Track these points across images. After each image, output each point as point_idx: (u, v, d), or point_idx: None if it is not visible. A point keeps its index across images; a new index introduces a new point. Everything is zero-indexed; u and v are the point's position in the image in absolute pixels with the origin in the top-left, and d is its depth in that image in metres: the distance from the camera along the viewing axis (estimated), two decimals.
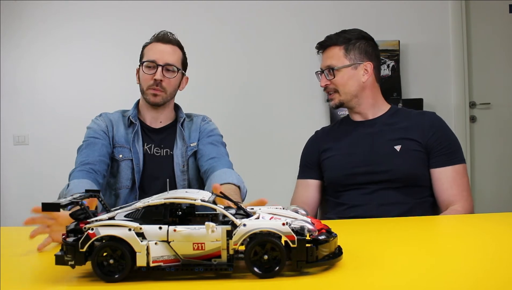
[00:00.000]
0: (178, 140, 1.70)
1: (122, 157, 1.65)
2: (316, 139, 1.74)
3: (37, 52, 3.21)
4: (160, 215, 0.73)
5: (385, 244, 0.97)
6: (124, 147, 1.66)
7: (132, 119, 1.69)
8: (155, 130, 1.72)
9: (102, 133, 1.66)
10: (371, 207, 1.49)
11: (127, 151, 1.66)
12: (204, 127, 1.76)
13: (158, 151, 1.69)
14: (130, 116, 1.70)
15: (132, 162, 1.65)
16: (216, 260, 0.72)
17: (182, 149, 1.69)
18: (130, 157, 1.65)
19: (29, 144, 3.23)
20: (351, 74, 1.58)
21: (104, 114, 1.74)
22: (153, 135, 1.71)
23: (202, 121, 1.78)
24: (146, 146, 1.69)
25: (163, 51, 1.66)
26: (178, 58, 1.70)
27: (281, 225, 0.71)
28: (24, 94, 3.21)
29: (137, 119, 1.70)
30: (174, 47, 1.70)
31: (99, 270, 0.71)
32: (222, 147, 1.74)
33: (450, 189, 1.49)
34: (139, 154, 1.66)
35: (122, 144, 1.67)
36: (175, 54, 1.69)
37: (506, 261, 0.80)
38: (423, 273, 0.74)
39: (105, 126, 1.68)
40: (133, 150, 1.66)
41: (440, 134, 1.53)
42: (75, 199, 0.76)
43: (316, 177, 1.67)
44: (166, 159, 1.69)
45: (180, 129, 1.71)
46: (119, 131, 1.68)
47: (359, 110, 1.63)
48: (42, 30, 3.20)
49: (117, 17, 3.18)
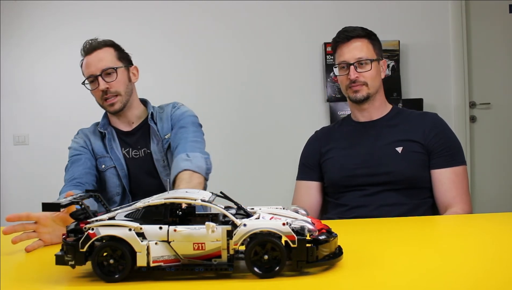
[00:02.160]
0: (152, 136, 1.68)
1: (104, 167, 1.67)
2: (316, 139, 1.73)
3: (37, 52, 3.21)
4: (160, 215, 0.73)
5: (385, 244, 0.97)
6: (104, 157, 1.68)
7: (101, 130, 1.70)
8: (128, 133, 1.72)
9: (82, 149, 1.69)
10: (371, 208, 1.49)
11: (108, 159, 1.67)
12: (175, 114, 1.71)
13: (137, 153, 1.69)
14: (99, 127, 1.71)
15: (116, 169, 1.66)
16: (216, 260, 0.72)
17: (158, 145, 1.68)
18: (113, 165, 1.67)
19: (29, 144, 3.23)
20: (378, 69, 1.58)
21: (80, 130, 1.77)
22: (127, 139, 1.71)
23: (172, 108, 1.74)
24: (124, 150, 1.69)
25: (93, 61, 1.64)
26: (111, 58, 1.66)
27: (282, 225, 0.71)
28: (24, 94, 3.21)
29: (107, 128, 1.71)
30: (102, 50, 1.66)
31: (99, 270, 0.71)
32: (190, 127, 1.67)
33: (450, 191, 1.49)
34: (120, 159, 1.67)
35: (102, 154, 1.68)
36: (106, 56, 1.66)
37: (506, 261, 0.80)
38: (423, 273, 0.74)
39: (83, 141, 1.71)
40: (114, 157, 1.67)
41: (442, 136, 1.53)
42: (75, 199, 0.76)
43: (317, 178, 1.66)
44: (145, 158, 1.68)
45: (152, 125, 1.69)
46: (96, 143, 1.70)
47: (370, 108, 1.61)
48: (42, 30, 3.20)
49: (117, 17, 3.18)
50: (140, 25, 3.16)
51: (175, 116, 1.71)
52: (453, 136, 1.57)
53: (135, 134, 1.71)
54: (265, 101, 3.19)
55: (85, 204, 0.76)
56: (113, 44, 1.72)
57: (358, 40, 1.57)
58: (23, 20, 3.20)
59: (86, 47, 1.68)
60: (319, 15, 3.15)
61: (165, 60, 3.17)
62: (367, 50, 1.56)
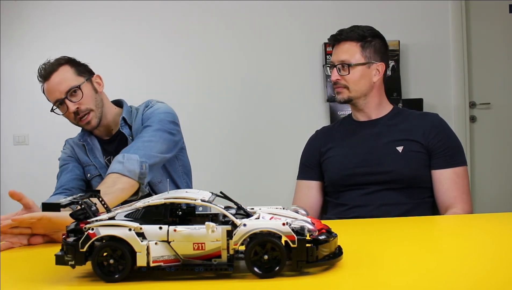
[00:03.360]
0: (129, 140, 1.65)
1: (90, 175, 1.67)
2: (316, 138, 1.73)
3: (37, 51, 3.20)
4: (160, 215, 0.73)
5: (385, 244, 0.97)
6: (89, 166, 1.68)
7: (81, 142, 1.70)
8: (108, 141, 1.71)
9: (69, 158, 1.70)
10: (371, 208, 1.49)
11: (93, 168, 1.67)
12: (146, 113, 1.65)
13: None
14: (79, 140, 1.71)
15: (101, 177, 1.64)
16: (216, 260, 0.72)
17: None
18: (98, 173, 1.66)
19: (29, 144, 3.23)
20: (364, 73, 1.56)
21: (67, 141, 1.77)
22: (108, 147, 1.70)
23: (145, 108, 1.69)
24: (105, 158, 1.69)
25: (54, 86, 1.59)
26: (70, 76, 1.60)
27: (281, 225, 0.71)
28: (24, 94, 3.21)
29: (87, 138, 1.70)
30: (59, 71, 1.60)
31: (99, 270, 0.71)
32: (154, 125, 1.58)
33: (450, 191, 1.49)
34: (105, 167, 1.66)
35: (87, 163, 1.68)
36: (65, 76, 1.59)
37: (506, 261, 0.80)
38: (423, 273, 0.74)
39: (70, 151, 1.72)
40: (98, 165, 1.67)
41: (442, 136, 1.53)
42: (75, 199, 0.76)
43: (317, 178, 1.67)
44: None
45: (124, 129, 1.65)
46: (80, 152, 1.70)
47: (364, 109, 1.62)
48: (42, 30, 3.20)
49: (117, 17, 3.18)
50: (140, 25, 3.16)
51: (145, 115, 1.65)
52: (453, 136, 1.57)
53: (115, 141, 1.69)
54: (265, 101, 3.19)
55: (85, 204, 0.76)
56: (68, 61, 1.65)
57: (347, 42, 1.57)
58: (23, 20, 3.20)
59: (42, 72, 1.61)
60: (319, 15, 3.15)
61: (165, 60, 3.17)
62: (353, 53, 1.55)
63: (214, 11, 3.18)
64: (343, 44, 1.58)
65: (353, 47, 1.56)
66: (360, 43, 1.56)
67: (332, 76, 1.59)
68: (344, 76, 1.56)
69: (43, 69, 1.62)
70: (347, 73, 1.55)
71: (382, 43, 1.61)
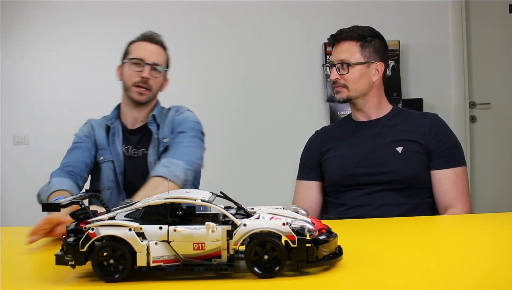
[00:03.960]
0: (152, 138, 1.69)
1: (103, 159, 1.68)
2: (316, 138, 1.73)
3: (37, 51, 3.21)
4: (160, 215, 0.73)
5: (385, 244, 0.97)
6: (105, 149, 1.69)
7: (108, 123, 1.71)
8: (133, 131, 1.72)
9: (85, 138, 1.70)
10: (371, 208, 1.49)
11: (107, 153, 1.68)
12: (176, 120, 1.70)
13: (136, 152, 1.70)
14: (107, 121, 1.72)
15: (113, 164, 1.67)
16: (216, 260, 0.72)
17: (155, 148, 1.68)
18: (111, 159, 1.67)
19: (29, 144, 3.23)
20: (363, 72, 1.57)
21: (89, 120, 1.78)
22: (130, 137, 1.71)
23: (175, 112, 1.73)
24: (124, 147, 1.70)
25: (150, 50, 1.67)
26: (164, 59, 1.71)
27: (281, 225, 0.71)
28: (24, 94, 3.21)
29: (114, 122, 1.72)
30: (161, 48, 1.71)
31: (99, 270, 0.71)
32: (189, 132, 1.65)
33: (450, 191, 1.49)
34: (119, 155, 1.68)
35: (104, 146, 1.69)
36: (162, 55, 1.70)
37: (506, 261, 0.80)
38: (423, 273, 0.74)
39: (88, 131, 1.73)
40: (114, 152, 1.68)
41: (442, 136, 1.53)
42: (75, 199, 0.76)
43: (317, 178, 1.67)
44: (141, 159, 1.68)
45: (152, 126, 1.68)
46: (100, 134, 1.71)
47: (364, 109, 1.62)
48: (42, 30, 3.20)
49: (116, 17, 3.18)
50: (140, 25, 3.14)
51: (176, 121, 1.70)
52: (453, 137, 1.57)
53: (138, 133, 1.72)
54: (265, 101, 3.19)
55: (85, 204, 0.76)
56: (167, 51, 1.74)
57: (346, 42, 1.57)
58: (23, 20, 3.20)
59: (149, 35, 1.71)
60: (319, 15, 3.15)
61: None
62: (353, 53, 1.56)
63: (214, 11, 3.18)
64: (342, 43, 1.58)
65: (353, 47, 1.56)
66: (360, 42, 1.56)
67: (332, 75, 1.59)
68: (343, 75, 1.56)
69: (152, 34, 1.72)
70: (346, 72, 1.56)
71: (381, 43, 1.61)
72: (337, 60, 1.57)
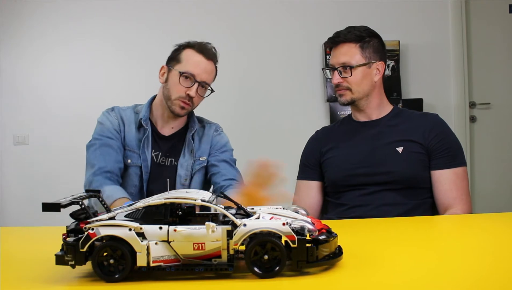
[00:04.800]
0: (186, 151, 1.63)
1: (131, 162, 1.59)
2: (316, 138, 1.73)
3: (37, 51, 3.21)
4: (161, 215, 0.73)
5: (385, 244, 0.97)
6: (133, 152, 1.59)
7: (143, 123, 1.60)
8: (164, 138, 1.64)
9: (115, 133, 1.58)
10: (371, 208, 1.49)
11: (136, 156, 1.59)
12: (216, 140, 1.69)
13: (164, 160, 1.63)
14: (142, 120, 1.61)
15: (140, 169, 1.59)
16: (216, 260, 0.72)
17: (188, 161, 1.62)
18: (139, 164, 1.59)
19: (29, 144, 3.23)
20: (365, 73, 1.56)
21: (117, 108, 1.65)
22: (161, 143, 1.64)
23: (214, 132, 1.71)
24: (153, 153, 1.62)
25: (204, 68, 1.60)
26: (213, 76, 1.66)
27: (281, 225, 0.71)
28: (24, 94, 3.21)
29: (148, 123, 1.62)
30: (213, 64, 1.64)
31: (100, 270, 0.71)
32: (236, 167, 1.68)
33: (450, 191, 1.49)
34: (148, 161, 1.59)
35: (133, 148, 1.59)
36: (213, 73, 1.65)
37: (506, 261, 0.80)
38: (423, 273, 0.74)
39: (117, 124, 1.60)
40: (143, 157, 1.59)
41: (442, 137, 1.53)
42: (75, 199, 0.76)
43: (318, 178, 1.67)
44: (169, 169, 1.62)
45: (190, 140, 1.64)
46: (130, 132, 1.60)
47: (366, 110, 1.62)
48: (41, 30, 3.20)
49: (116, 17, 3.18)
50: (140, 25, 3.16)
51: (216, 142, 1.69)
52: (453, 137, 1.57)
53: (170, 141, 1.65)
54: (265, 101, 3.19)
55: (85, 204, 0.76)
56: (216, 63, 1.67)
57: (345, 44, 1.56)
58: (23, 20, 3.20)
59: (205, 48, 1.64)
60: (319, 15, 3.15)
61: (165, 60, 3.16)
62: (353, 55, 1.55)
63: (214, 11, 3.18)
64: (341, 46, 1.58)
65: (353, 49, 1.56)
66: (359, 44, 1.56)
67: (334, 79, 1.57)
68: (346, 78, 1.55)
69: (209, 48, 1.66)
70: (349, 75, 1.55)
71: (379, 42, 1.61)
72: (338, 64, 1.57)
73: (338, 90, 1.59)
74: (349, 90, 1.57)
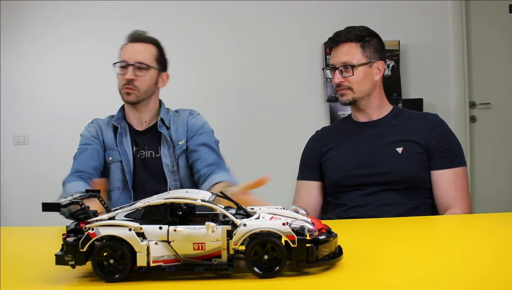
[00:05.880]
0: (163, 140, 1.70)
1: (111, 159, 1.69)
2: (316, 139, 1.73)
3: (37, 51, 3.21)
4: (161, 215, 0.73)
5: (385, 244, 0.97)
6: (113, 150, 1.69)
7: (114, 123, 1.71)
8: (140, 133, 1.72)
9: (94, 139, 1.70)
10: (371, 208, 1.49)
11: (116, 153, 1.69)
12: (192, 122, 1.73)
13: (143, 154, 1.70)
14: (113, 120, 1.72)
15: (121, 164, 1.67)
16: (216, 260, 0.72)
17: (169, 150, 1.68)
18: (119, 159, 1.68)
19: (29, 144, 3.23)
20: (366, 73, 1.56)
21: (95, 120, 1.78)
22: (138, 138, 1.72)
23: (190, 115, 1.75)
24: (134, 148, 1.71)
25: (133, 50, 1.68)
26: (150, 56, 1.69)
27: (281, 225, 0.71)
28: (24, 94, 3.21)
29: (121, 122, 1.72)
30: (147, 45, 1.70)
31: (100, 270, 0.71)
32: (217, 149, 1.72)
33: (450, 191, 1.49)
34: (128, 155, 1.68)
35: (112, 146, 1.69)
36: (147, 52, 1.69)
37: (506, 261, 0.80)
38: (423, 273, 0.74)
39: (95, 131, 1.72)
40: (122, 151, 1.68)
41: (442, 137, 1.53)
42: (75, 199, 0.76)
43: (318, 178, 1.67)
44: (153, 161, 1.69)
45: (162, 129, 1.70)
46: (108, 135, 1.71)
47: (366, 110, 1.62)
48: (41, 30, 3.20)
49: (116, 17, 3.18)
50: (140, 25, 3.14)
51: (192, 124, 1.72)
52: (453, 137, 1.57)
53: (145, 135, 1.72)
54: (265, 101, 3.18)
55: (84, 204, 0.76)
56: (157, 44, 1.74)
57: (346, 44, 1.57)
58: (23, 20, 3.20)
59: (132, 34, 1.72)
60: (319, 15, 3.15)
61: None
62: (354, 54, 1.55)
63: (214, 11, 3.18)
64: (342, 46, 1.58)
65: (353, 48, 1.56)
66: (360, 43, 1.56)
67: (335, 78, 1.57)
68: (348, 77, 1.55)
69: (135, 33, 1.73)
70: (351, 75, 1.55)
71: (379, 41, 1.62)
72: (339, 63, 1.57)
73: (339, 89, 1.59)
74: (351, 89, 1.57)
